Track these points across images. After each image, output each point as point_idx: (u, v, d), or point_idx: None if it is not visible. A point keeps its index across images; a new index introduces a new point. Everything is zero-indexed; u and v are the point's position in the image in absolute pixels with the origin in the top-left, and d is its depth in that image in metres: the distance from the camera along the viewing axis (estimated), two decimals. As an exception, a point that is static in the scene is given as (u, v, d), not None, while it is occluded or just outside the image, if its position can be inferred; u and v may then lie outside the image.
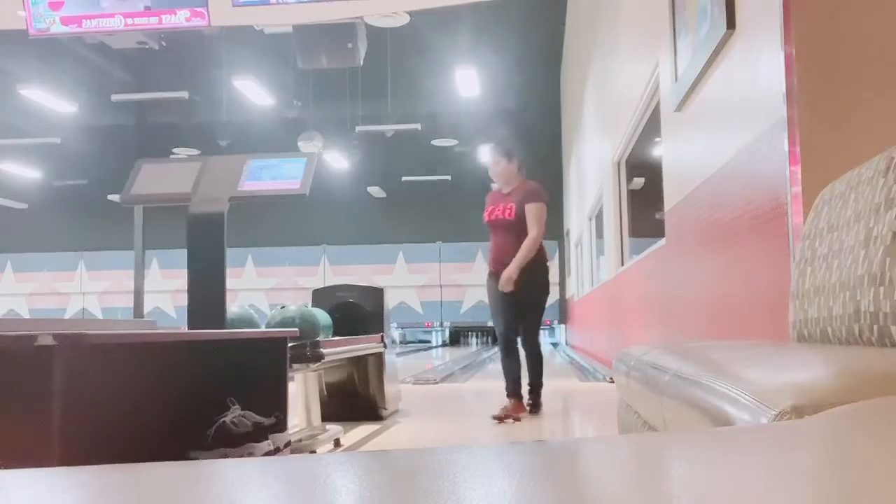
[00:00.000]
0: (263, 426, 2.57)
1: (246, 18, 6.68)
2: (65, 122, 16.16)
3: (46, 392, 1.74)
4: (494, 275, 4.58)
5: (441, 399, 5.76)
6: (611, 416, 2.57)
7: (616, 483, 0.63)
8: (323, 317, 3.60)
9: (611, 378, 5.94)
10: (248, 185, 3.32)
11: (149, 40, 6.57)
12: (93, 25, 6.51)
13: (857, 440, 0.73)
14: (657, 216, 5.33)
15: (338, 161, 16.65)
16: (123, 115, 17.98)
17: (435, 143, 17.69)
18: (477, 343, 18.86)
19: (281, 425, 2.72)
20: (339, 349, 3.51)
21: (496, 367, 11.77)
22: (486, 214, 4.72)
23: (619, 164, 7.65)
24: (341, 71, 11.29)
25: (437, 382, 6.98)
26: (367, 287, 4.78)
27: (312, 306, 3.91)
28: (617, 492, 0.59)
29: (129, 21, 6.43)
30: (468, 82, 14.43)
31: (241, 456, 2.40)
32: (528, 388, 4.59)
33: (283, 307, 3.46)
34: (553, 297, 19.08)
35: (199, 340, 2.61)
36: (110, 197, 17.65)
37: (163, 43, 6.69)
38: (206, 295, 3.15)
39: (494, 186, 4.84)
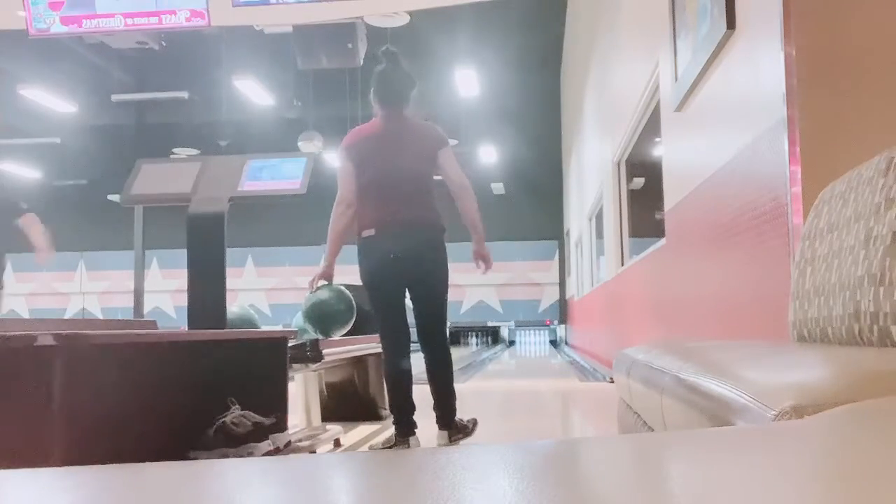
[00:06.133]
0: (263, 426, 2.57)
1: (246, 18, 6.68)
2: (65, 122, 16.16)
3: (46, 392, 1.74)
4: None
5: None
6: (611, 416, 2.57)
7: (616, 483, 0.63)
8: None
9: (611, 378, 5.94)
10: (248, 185, 3.32)
11: (149, 40, 6.57)
12: (93, 25, 6.51)
13: (857, 440, 0.73)
14: (657, 216, 5.33)
15: (338, 161, 16.64)
16: (123, 115, 17.97)
17: (435, 143, 17.65)
18: (477, 343, 18.87)
19: (281, 425, 2.72)
20: (339, 349, 3.51)
21: (496, 367, 11.74)
22: None
23: (619, 163, 7.65)
24: (341, 71, 11.28)
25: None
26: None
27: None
28: (617, 492, 0.59)
29: (129, 21, 6.43)
30: (468, 82, 14.43)
31: (241, 456, 2.40)
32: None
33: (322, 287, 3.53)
34: (553, 296, 18.79)
35: (199, 340, 2.61)
36: (110, 197, 17.66)
37: (163, 43, 6.69)
38: (206, 295, 3.15)
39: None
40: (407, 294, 3.38)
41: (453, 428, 3.32)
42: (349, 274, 3.69)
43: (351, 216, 3.37)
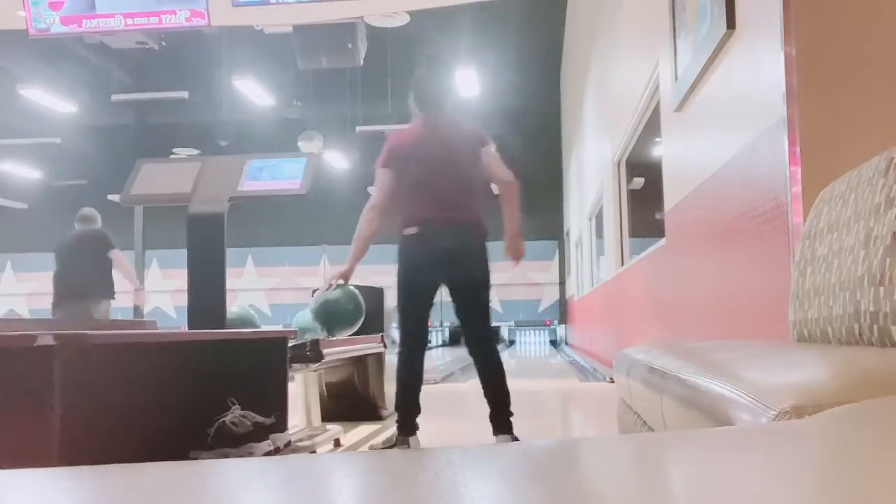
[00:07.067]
0: (263, 426, 2.57)
1: (246, 18, 6.68)
2: (65, 122, 16.15)
3: (46, 392, 1.74)
4: None
5: (441, 399, 5.76)
6: (611, 416, 2.57)
7: (616, 483, 0.63)
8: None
9: (611, 378, 5.94)
10: (248, 185, 3.32)
11: (149, 40, 6.58)
12: (93, 25, 6.51)
13: (857, 440, 0.73)
14: (657, 216, 5.33)
15: (338, 161, 16.65)
16: (123, 115, 17.95)
17: (434, 143, 17.64)
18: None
19: (281, 425, 2.72)
20: (339, 349, 3.51)
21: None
22: None
23: (619, 163, 7.65)
24: (341, 71, 11.27)
25: (437, 382, 6.99)
26: (367, 287, 4.77)
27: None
28: (617, 492, 0.59)
29: (129, 21, 6.43)
30: (468, 82, 14.42)
31: (241, 456, 2.40)
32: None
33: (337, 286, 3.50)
34: (553, 296, 18.73)
35: (199, 340, 2.61)
36: (110, 197, 17.63)
37: (163, 43, 6.69)
38: (206, 295, 3.15)
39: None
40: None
41: (512, 434, 3.23)
42: (356, 275, 3.70)
43: (380, 223, 3.36)
